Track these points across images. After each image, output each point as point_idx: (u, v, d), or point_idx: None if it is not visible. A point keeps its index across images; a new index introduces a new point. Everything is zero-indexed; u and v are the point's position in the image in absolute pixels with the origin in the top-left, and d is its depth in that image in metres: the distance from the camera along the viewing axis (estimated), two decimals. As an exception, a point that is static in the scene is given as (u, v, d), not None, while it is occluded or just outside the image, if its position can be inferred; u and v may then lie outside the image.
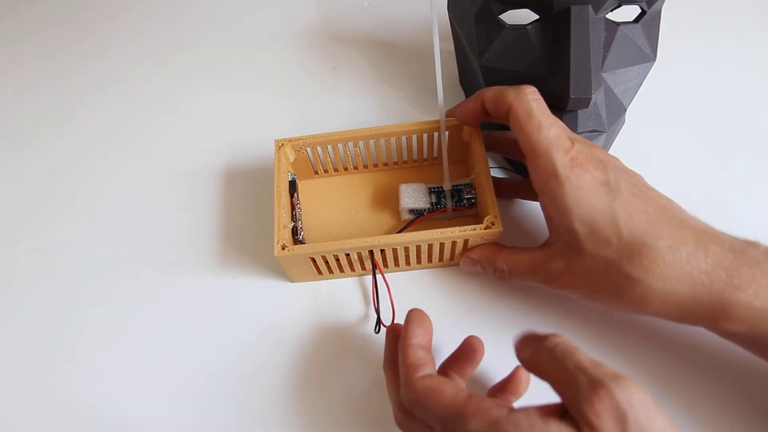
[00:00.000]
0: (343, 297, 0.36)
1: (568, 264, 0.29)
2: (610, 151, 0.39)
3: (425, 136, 0.37)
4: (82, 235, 0.41)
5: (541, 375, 0.23)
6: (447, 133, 0.35)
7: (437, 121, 0.35)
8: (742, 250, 0.26)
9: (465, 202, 0.36)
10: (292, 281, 0.37)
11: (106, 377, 0.35)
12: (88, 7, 0.56)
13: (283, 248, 0.32)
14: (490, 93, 0.31)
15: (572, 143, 0.28)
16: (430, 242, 0.32)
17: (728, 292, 0.25)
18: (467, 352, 0.30)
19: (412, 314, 0.29)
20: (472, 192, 0.36)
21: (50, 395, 0.35)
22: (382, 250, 0.33)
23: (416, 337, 0.28)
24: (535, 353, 0.24)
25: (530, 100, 0.29)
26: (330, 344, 0.35)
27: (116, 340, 0.36)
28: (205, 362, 0.35)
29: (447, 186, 0.36)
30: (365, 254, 0.33)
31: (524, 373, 0.30)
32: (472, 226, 0.31)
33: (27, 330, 0.37)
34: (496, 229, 0.31)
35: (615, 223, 0.26)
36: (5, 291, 0.39)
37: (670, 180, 0.39)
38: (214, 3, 0.55)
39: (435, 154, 0.39)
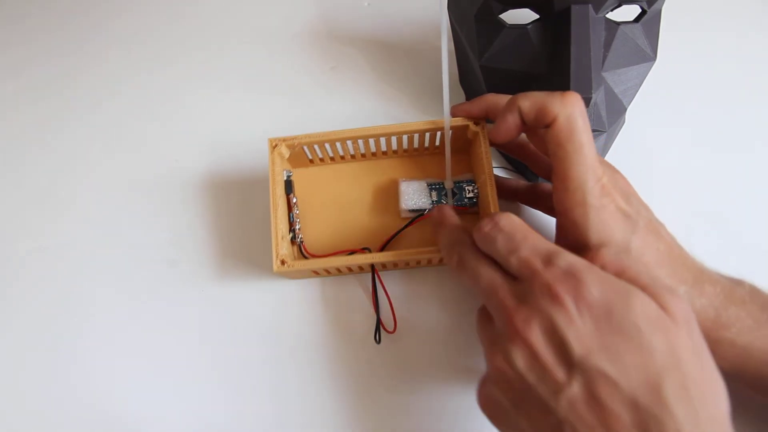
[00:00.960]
0: (341, 292, 0.36)
1: None
2: (611, 151, 0.39)
3: (427, 134, 0.36)
4: (82, 235, 0.41)
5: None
6: (450, 132, 0.35)
7: (438, 122, 0.35)
8: (731, 290, 0.27)
9: (466, 201, 0.36)
10: (291, 279, 0.37)
11: (106, 377, 0.35)
12: (88, 8, 0.56)
13: (283, 263, 0.31)
14: (527, 103, 0.27)
15: (603, 168, 0.27)
16: (431, 257, 0.32)
17: (714, 331, 0.26)
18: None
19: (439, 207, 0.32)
20: (474, 191, 0.36)
21: (50, 395, 0.35)
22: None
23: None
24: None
25: (577, 114, 0.26)
26: (329, 339, 0.35)
27: (116, 340, 0.36)
28: (203, 361, 0.35)
29: (449, 185, 0.36)
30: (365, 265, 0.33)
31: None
32: None
33: (27, 330, 0.37)
34: None
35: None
36: (5, 291, 0.39)
37: (670, 180, 0.39)
38: (214, 3, 0.54)
39: (437, 143, 0.37)
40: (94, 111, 0.48)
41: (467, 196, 0.36)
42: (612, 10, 0.33)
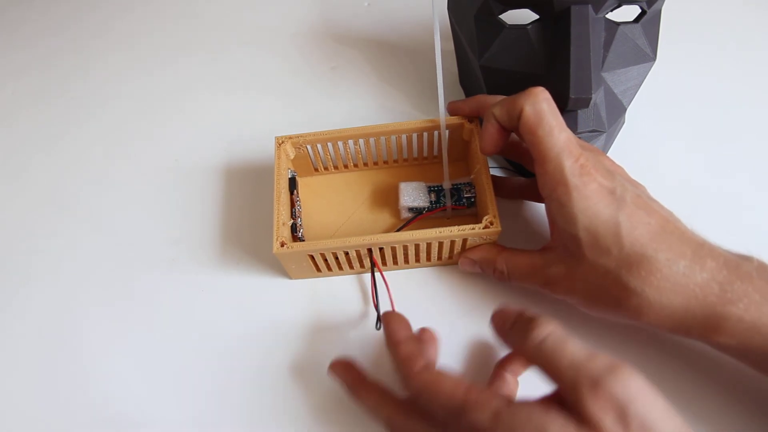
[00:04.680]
0: (341, 294, 0.36)
1: (567, 270, 0.29)
2: (610, 152, 0.39)
3: (425, 134, 0.37)
4: (83, 234, 0.41)
5: (532, 363, 0.23)
6: (447, 131, 0.35)
7: (437, 120, 0.35)
8: (736, 264, 0.26)
9: (464, 201, 0.36)
10: (291, 278, 0.37)
11: (107, 376, 0.35)
12: (90, 11, 0.56)
13: (282, 245, 0.32)
14: (497, 109, 0.29)
15: (581, 150, 0.27)
16: (428, 241, 0.32)
17: (720, 306, 0.25)
18: None
19: (386, 316, 0.30)
20: (472, 191, 0.36)
21: (51, 395, 0.35)
22: (381, 249, 0.33)
23: (400, 332, 0.28)
24: (522, 346, 0.24)
25: (542, 101, 0.27)
26: (329, 340, 0.35)
27: (117, 339, 0.36)
28: (204, 359, 0.35)
29: (447, 185, 0.36)
30: (364, 252, 0.33)
31: None
32: (471, 226, 0.31)
33: (27, 330, 0.37)
34: (495, 228, 0.31)
35: (617, 234, 0.26)
36: (6, 291, 0.39)
37: (670, 179, 0.39)
38: (215, 3, 0.55)
39: (435, 152, 0.39)
40: (95, 111, 0.48)
41: (465, 196, 0.36)
42: (612, 11, 0.33)
